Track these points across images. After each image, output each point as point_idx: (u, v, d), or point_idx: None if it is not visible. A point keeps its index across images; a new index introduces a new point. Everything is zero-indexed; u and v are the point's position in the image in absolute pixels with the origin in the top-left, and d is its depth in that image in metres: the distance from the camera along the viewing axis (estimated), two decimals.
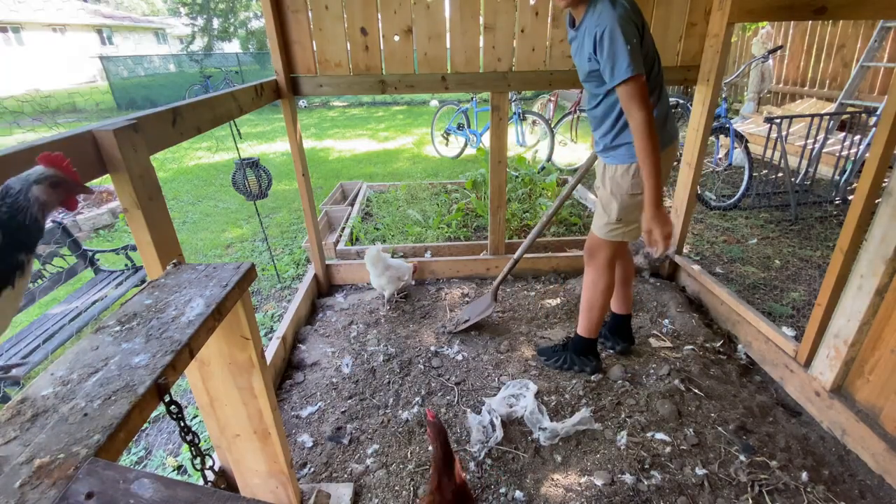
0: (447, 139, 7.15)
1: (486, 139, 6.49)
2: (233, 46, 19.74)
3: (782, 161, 4.06)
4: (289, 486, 1.42)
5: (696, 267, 2.85)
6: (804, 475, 1.69)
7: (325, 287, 3.08)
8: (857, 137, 4.13)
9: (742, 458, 1.77)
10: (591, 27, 1.59)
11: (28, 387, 0.78)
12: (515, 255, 2.54)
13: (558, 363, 2.27)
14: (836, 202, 4.25)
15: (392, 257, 3.30)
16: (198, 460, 0.99)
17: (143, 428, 2.17)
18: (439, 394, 2.16)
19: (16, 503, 0.56)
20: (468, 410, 2.04)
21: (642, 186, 1.78)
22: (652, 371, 2.20)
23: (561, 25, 2.51)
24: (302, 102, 13.07)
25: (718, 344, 2.41)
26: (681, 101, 5.92)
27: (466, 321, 2.60)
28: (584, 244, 2.09)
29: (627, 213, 1.87)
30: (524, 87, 2.71)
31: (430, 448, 1.48)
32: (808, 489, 1.65)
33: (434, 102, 12.11)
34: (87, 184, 0.91)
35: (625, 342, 2.34)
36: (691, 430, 1.89)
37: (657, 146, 1.60)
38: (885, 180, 1.68)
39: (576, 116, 6.63)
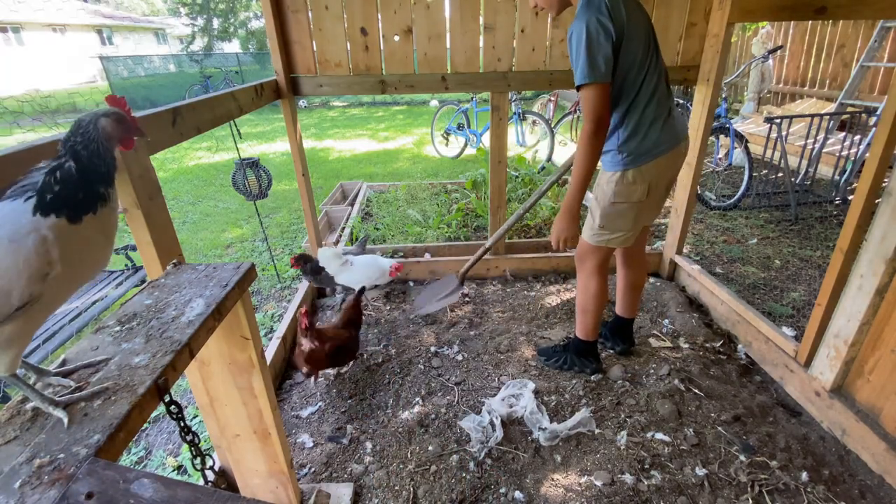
0: (447, 139, 7.15)
1: (486, 139, 6.49)
2: (233, 46, 19.74)
3: (782, 161, 4.06)
4: (289, 486, 1.42)
5: (696, 267, 2.85)
6: (804, 475, 1.69)
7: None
8: (857, 137, 4.13)
9: (742, 458, 1.77)
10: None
11: None
12: (487, 244, 2.58)
13: (559, 363, 2.26)
14: (836, 202, 4.25)
15: (392, 257, 3.30)
16: (198, 460, 0.99)
17: (143, 428, 2.17)
18: (439, 394, 2.16)
19: (16, 503, 0.56)
20: (460, 417, 2.04)
21: (625, 195, 1.79)
22: (652, 371, 2.20)
23: (561, 25, 2.51)
24: (302, 102, 13.06)
25: (718, 344, 2.41)
26: (681, 101, 5.92)
27: (432, 303, 2.63)
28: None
29: (609, 221, 1.86)
30: (524, 87, 2.71)
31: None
32: (808, 489, 1.65)
33: (434, 102, 12.10)
34: None
35: (625, 344, 2.34)
36: (691, 430, 1.89)
37: (592, 159, 1.64)
38: (885, 180, 1.68)
39: (576, 116, 6.63)
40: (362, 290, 2.43)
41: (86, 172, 0.74)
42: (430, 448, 1.86)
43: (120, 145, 0.83)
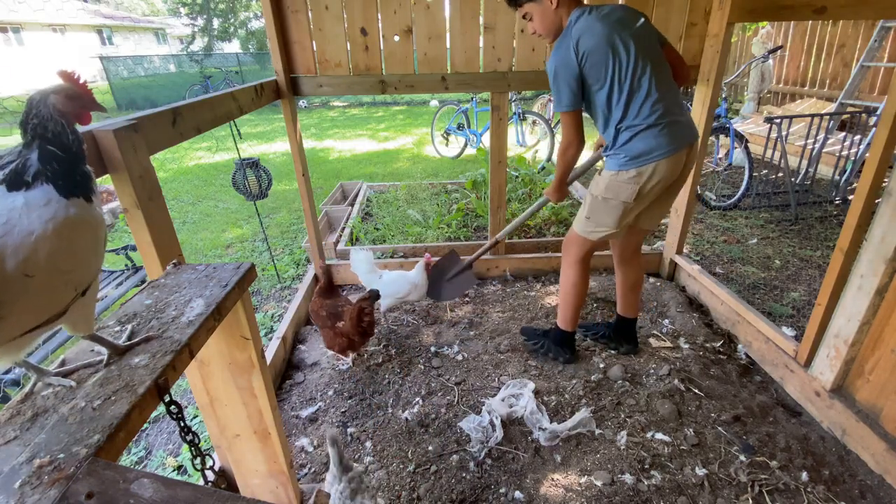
0: (447, 139, 7.15)
1: (486, 139, 6.49)
2: (233, 46, 19.75)
3: (782, 161, 4.06)
4: (289, 486, 1.42)
5: (696, 267, 2.85)
6: (804, 475, 1.69)
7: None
8: (857, 137, 4.13)
9: (742, 458, 1.77)
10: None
11: (28, 386, 0.78)
12: (498, 235, 2.66)
13: (536, 346, 2.36)
14: (836, 202, 4.25)
15: (392, 257, 3.30)
16: (198, 460, 0.99)
17: (143, 428, 2.17)
18: (439, 394, 2.16)
19: (16, 503, 0.56)
20: (460, 417, 2.04)
21: (614, 192, 1.87)
22: (652, 371, 2.20)
23: None
24: (302, 102, 13.06)
25: (718, 344, 2.41)
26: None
27: (445, 288, 2.67)
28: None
29: (595, 214, 1.95)
30: (524, 87, 2.71)
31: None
32: (808, 489, 1.65)
33: (434, 102, 12.10)
34: None
35: (629, 344, 2.34)
36: (691, 430, 1.89)
37: (565, 168, 1.96)
38: (885, 180, 1.68)
39: None
40: (376, 295, 2.37)
41: (65, 152, 0.73)
42: (430, 448, 1.86)
43: (75, 120, 0.80)
